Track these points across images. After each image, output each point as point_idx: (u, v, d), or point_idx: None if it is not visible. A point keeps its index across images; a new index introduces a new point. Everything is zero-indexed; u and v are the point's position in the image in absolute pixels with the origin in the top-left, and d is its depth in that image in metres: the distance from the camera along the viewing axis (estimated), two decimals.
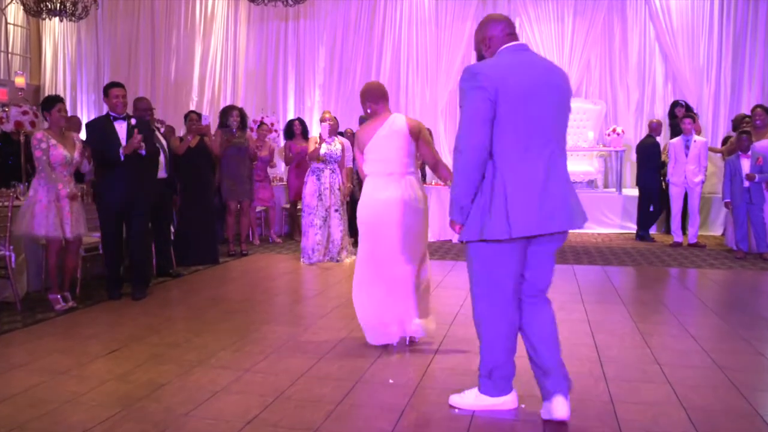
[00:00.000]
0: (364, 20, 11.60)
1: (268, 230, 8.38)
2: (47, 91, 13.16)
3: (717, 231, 8.83)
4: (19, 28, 13.07)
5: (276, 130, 9.91)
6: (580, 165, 9.95)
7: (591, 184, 10.19)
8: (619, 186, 9.61)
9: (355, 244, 5.72)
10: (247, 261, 6.85)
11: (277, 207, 8.62)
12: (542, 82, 2.51)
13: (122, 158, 4.77)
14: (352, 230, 7.63)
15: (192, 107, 11.91)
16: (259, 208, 8.14)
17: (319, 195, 6.58)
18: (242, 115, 7.21)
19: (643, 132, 10.80)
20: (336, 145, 6.64)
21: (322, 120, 6.65)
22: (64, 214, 4.60)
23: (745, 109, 9.73)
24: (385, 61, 11.55)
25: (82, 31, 13.04)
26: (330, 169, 6.63)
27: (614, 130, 9.72)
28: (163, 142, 5.82)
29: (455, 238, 8.34)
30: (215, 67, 12.32)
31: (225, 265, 6.61)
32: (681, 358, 3.51)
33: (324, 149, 6.54)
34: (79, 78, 13.25)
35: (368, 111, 3.72)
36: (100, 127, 4.92)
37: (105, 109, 5.20)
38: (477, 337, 3.77)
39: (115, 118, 4.89)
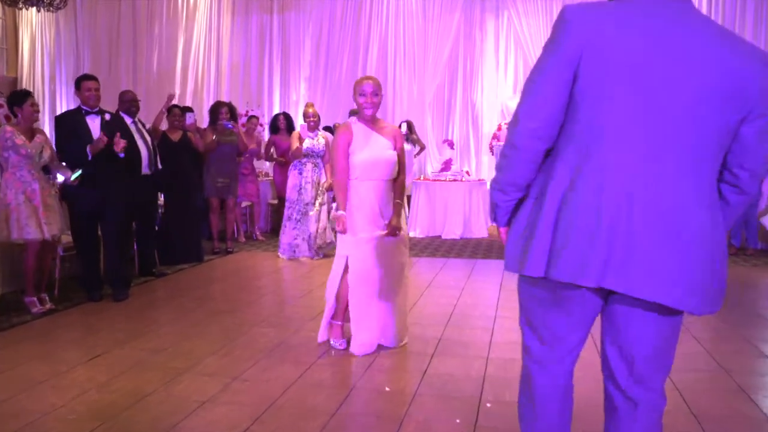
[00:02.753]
0: (351, 12, 11.42)
1: (253, 227, 8.20)
2: (25, 84, 12.80)
3: None
4: None
5: (261, 124, 9.71)
6: None
7: None
8: None
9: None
10: (232, 259, 6.67)
11: (263, 203, 8.44)
12: (684, 62, 1.52)
13: (89, 157, 4.55)
14: None
15: (175, 100, 11.62)
16: (244, 204, 7.96)
17: (300, 189, 6.45)
18: (231, 111, 7.01)
19: None
20: (319, 139, 6.50)
21: (305, 115, 6.50)
22: (40, 214, 4.39)
23: None
24: (372, 54, 11.38)
25: (61, 22, 12.69)
26: (313, 164, 6.49)
27: None
28: (148, 138, 5.62)
29: (445, 233, 8.24)
30: (198, 59, 12.05)
31: (210, 263, 6.43)
32: (685, 361, 3.41)
33: (307, 143, 6.40)
34: (58, 70, 12.90)
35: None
36: (71, 122, 4.67)
37: None
38: (475, 342, 3.69)
39: (87, 113, 4.67)
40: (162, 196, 6.30)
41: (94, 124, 4.66)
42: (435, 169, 9.17)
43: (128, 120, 5.46)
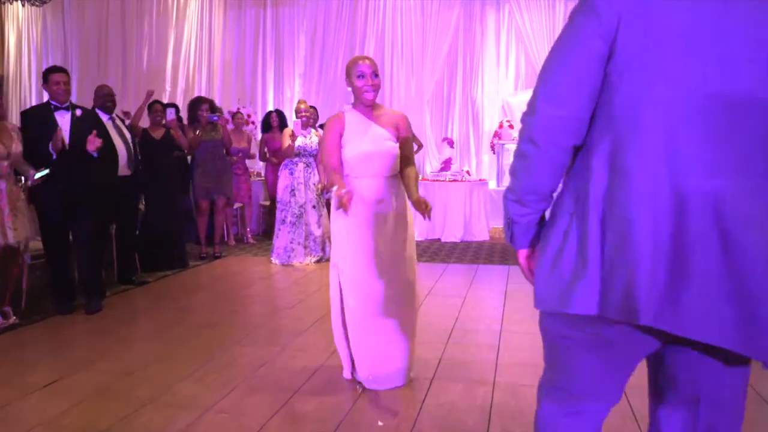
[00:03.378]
0: (347, 7, 11.03)
1: (244, 229, 7.83)
2: (11, 81, 12.43)
3: None
4: None
5: (253, 122, 9.33)
6: None
7: None
8: None
9: None
10: (220, 265, 6.29)
11: (254, 204, 8.06)
12: (758, 25, 1.17)
13: (53, 156, 4.16)
14: None
15: (165, 98, 11.27)
16: (236, 205, 7.59)
17: (293, 190, 6.09)
18: (212, 108, 6.64)
19: None
20: (312, 137, 6.14)
21: (297, 111, 6.13)
22: (5, 218, 4.01)
23: None
24: (369, 49, 10.98)
25: (48, 17, 12.30)
26: (305, 163, 6.13)
27: None
28: (127, 135, 5.24)
29: (444, 236, 7.87)
30: (189, 55, 11.66)
31: (195, 269, 6.05)
32: None
33: (299, 141, 6.04)
34: (45, 66, 12.47)
35: None
36: (38, 117, 4.28)
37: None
38: (479, 363, 3.31)
39: (57, 108, 4.29)
40: (143, 197, 5.92)
41: (63, 120, 4.27)
42: (434, 168, 8.80)
43: (104, 117, 5.09)
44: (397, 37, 10.91)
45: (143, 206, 6.04)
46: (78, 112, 4.31)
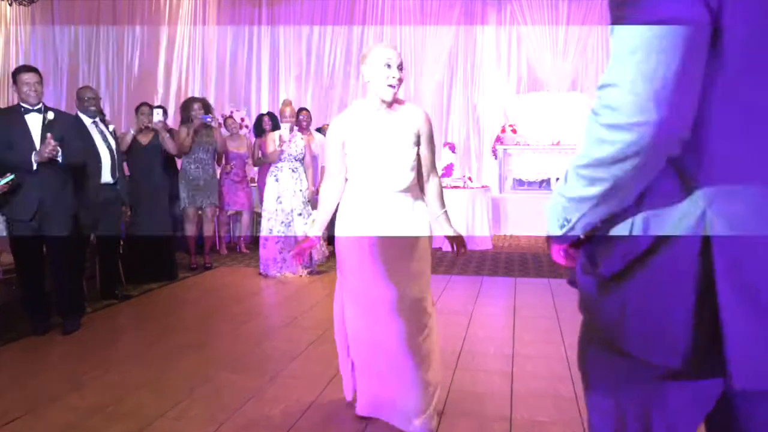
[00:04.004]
0: (344, 7, 10.72)
1: (238, 238, 7.49)
2: None
3: None
4: None
5: (246, 126, 9.00)
6: None
7: None
8: None
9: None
10: (211, 276, 5.96)
11: (250, 211, 7.72)
12: None
13: (34, 166, 3.82)
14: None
15: (157, 101, 10.95)
16: (230, 212, 7.26)
17: (278, 198, 5.77)
18: (206, 106, 6.30)
19: None
20: (297, 141, 5.82)
21: (281, 113, 5.83)
22: None
23: None
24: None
25: (37, 17, 11.94)
26: (290, 169, 5.81)
27: None
28: (111, 141, 4.90)
29: (446, 246, 7.53)
30: (182, 56, 11.34)
31: (184, 282, 5.72)
32: None
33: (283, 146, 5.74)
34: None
35: None
36: (6, 121, 3.92)
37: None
38: (492, 395, 2.98)
39: (27, 111, 3.94)
40: (129, 205, 5.59)
41: (35, 123, 3.92)
42: None
43: (87, 120, 4.75)
44: (396, 39, 10.61)
45: (129, 214, 5.71)
46: (50, 115, 3.96)
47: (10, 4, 10.51)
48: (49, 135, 3.80)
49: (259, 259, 5.93)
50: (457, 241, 2.60)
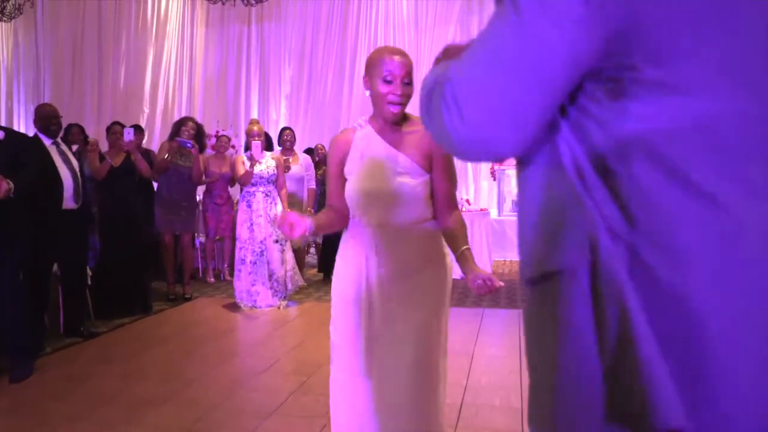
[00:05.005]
0: (336, 23, 10.38)
1: (222, 264, 7.05)
2: None
3: None
4: None
5: (234, 146, 8.59)
6: None
7: None
8: None
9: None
10: (188, 309, 5.50)
11: (232, 237, 7.28)
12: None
13: None
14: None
15: (143, 119, 10.56)
16: (216, 238, 6.82)
17: (251, 225, 5.34)
18: (199, 130, 5.87)
19: None
20: (268, 161, 5.42)
21: (248, 133, 5.44)
22: None
23: None
24: (360, 68, 10.30)
25: (20, 34, 11.61)
26: (264, 193, 5.39)
27: None
28: (74, 162, 4.47)
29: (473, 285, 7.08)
30: (169, 74, 10.98)
31: (159, 315, 5.26)
32: None
33: (255, 168, 5.34)
34: (16, 86, 11.80)
35: None
36: None
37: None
38: None
39: None
40: (98, 232, 5.16)
41: None
42: None
43: (47, 141, 4.32)
44: None
45: (98, 242, 5.28)
46: (0, 134, 3.53)
47: None
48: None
49: (234, 290, 5.49)
50: (486, 277, 1.94)
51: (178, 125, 5.71)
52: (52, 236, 4.19)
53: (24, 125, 11.45)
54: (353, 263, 2.06)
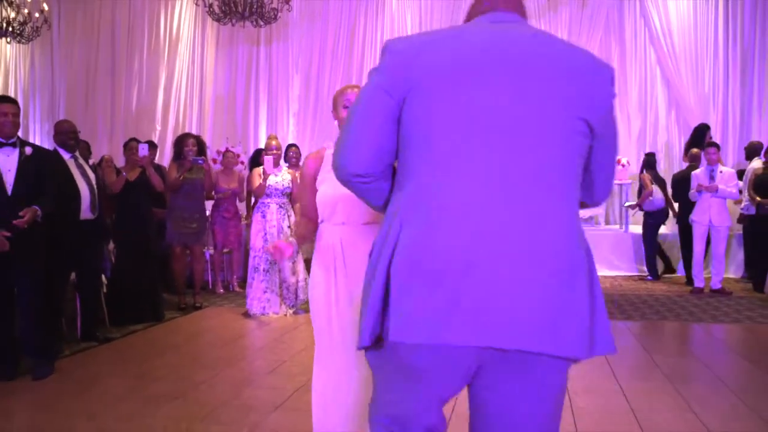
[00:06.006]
0: (343, 43, 10.69)
1: (231, 276, 7.27)
2: None
3: (730, 271, 7.86)
4: None
5: (242, 162, 8.85)
6: None
7: (591, 220, 9.22)
8: (626, 223, 8.63)
9: None
10: (198, 318, 5.71)
11: (241, 249, 7.50)
12: (509, 74, 1.33)
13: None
14: None
15: (155, 137, 10.85)
16: (224, 251, 7.05)
17: (265, 235, 5.57)
18: (200, 144, 6.14)
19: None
20: (284, 175, 5.67)
21: (267, 148, 5.70)
22: None
23: (756, 137, 8.91)
24: None
25: (36, 54, 11.97)
26: (277, 204, 5.62)
27: (619, 161, 8.80)
28: (91, 175, 4.73)
29: None
30: (180, 93, 11.29)
31: (170, 323, 5.47)
32: None
33: (270, 180, 5.63)
34: (32, 105, 12.13)
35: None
36: None
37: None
38: None
39: (1, 144, 3.75)
40: (113, 244, 5.40)
41: (8, 159, 3.73)
42: None
43: (66, 155, 4.58)
44: None
45: (114, 253, 5.52)
46: (28, 150, 3.79)
47: (9, 42, 10.52)
48: (22, 212, 3.67)
49: (247, 298, 5.70)
50: None
51: (180, 144, 5.96)
52: (69, 245, 4.44)
53: (39, 143, 11.79)
54: (323, 261, 2.39)
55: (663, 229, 8.01)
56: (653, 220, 7.77)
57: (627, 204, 8.40)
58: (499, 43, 1.36)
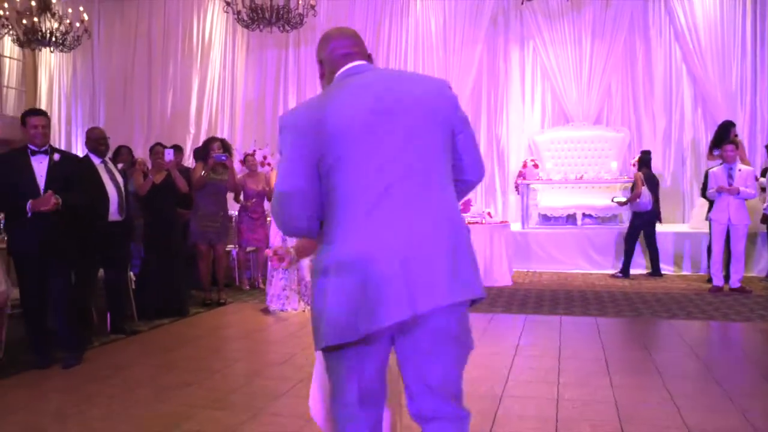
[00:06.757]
0: (368, 45, 10.83)
1: (257, 273, 7.57)
2: None
3: (755, 270, 7.80)
4: (15, 61, 12.64)
5: (269, 164, 9.16)
6: (602, 198, 9.01)
7: (615, 219, 9.22)
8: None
9: None
10: (221, 313, 6.01)
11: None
12: (379, 108, 1.69)
13: (29, 213, 3.95)
14: None
15: (189, 140, 11.28)
16: (249, 249, 7.35)
17: (284, 234, 5.81)
18: (225, 146, 6.46)
19: (673, 162, 9.89)
20: None
21: None
22: None
23: None
24: None
25: (78, 62, 12.56)
26: None
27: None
28: (119, 179, 5.06)
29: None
30: (212, 97, 11.71)
31: (193, 318, 5.78)
32: None
33: None
34: (74, 111, 12.73)
35: None
36: (12, 163, 4.08)
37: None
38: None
39: (34, 152, 4.10)
40: (140, 243, 5.74)
41: (41, 165, 4.08)
42: None
43: (96, 160, 4.92)
44: None
45: (142, 252, 5.86)
46: (56, 156, 4.12)
47: (52, 51, 11.06)
48: (49, 192, 3.96)
49: (267, 294, 5.98)
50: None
51: (207, 147, 6.27)
52: (98, 245, 4.77)
53: (81, 148, 12.37)
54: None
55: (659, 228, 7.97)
56: (640, 220, 7.75)
57: (616, 200, 8.25)
58: (371, 88, 1.71)
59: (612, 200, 8.36)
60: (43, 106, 12.72)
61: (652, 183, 7.86)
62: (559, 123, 10.35)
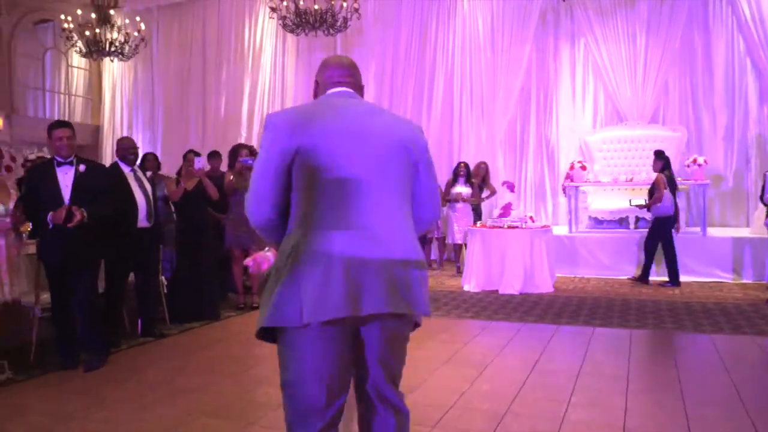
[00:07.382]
0: (415, 48, 10.83)
1: None
2: (105, 131, 13.26)
3: None
4: (82, 71, 13.30)
5: None
6: None
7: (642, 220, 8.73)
8: (704, 225, 8.15)
9: None
10: (252, 317, 6.08)
11: None
12: (354, 130, 1.90)
13: (50, 225, 4.12)
14: None
15: (241, 142, 11.54)
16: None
17: None
18: (252, 153, 6.55)
19: (736, 160, 9.33)
20: None
21: None
22: (2, 273, 4.01)
23: None
24: (438, 89, 10.71)
25: (139, 69, 13.08)
26: None
27: (694, 161, 8.32)
28: (148, 187, 5.20)
29: (502, 289, 7.23)
30: (263, 100, 11.93)
31: (225, 321, 5.88)
32: None
33: None
34: (135, 116, 13.26)
35: None
36: (41, 173, 4.27)
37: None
38: None
39: (60, 164, 4.26)
40: (173, 248, 5.89)
41: (66, 176, 4.23)
42: (493, 214, 8.22)
43: (126, 169, 5.08)
44: (467, 77, 10.54)
45: (175, 257, 6.01)
46: (81, 167, 4.27)
47: (112, 60, 11.57)
48: (64, 206, 4.10)
49: None
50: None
51: (235, 153, 6.38)
52: (127, 252, 4.93)
53: (141, 152, 12.85)
54: None
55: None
56: (662, 226, 7.30)
57: (634, 202, 7.68)
58: (351, 112, 1.93)
59: (630, 203, 7.82)
60: (106, 113, 13.35)
61: (673, 186, 7.41)
62: (612, 122, 9.96)
